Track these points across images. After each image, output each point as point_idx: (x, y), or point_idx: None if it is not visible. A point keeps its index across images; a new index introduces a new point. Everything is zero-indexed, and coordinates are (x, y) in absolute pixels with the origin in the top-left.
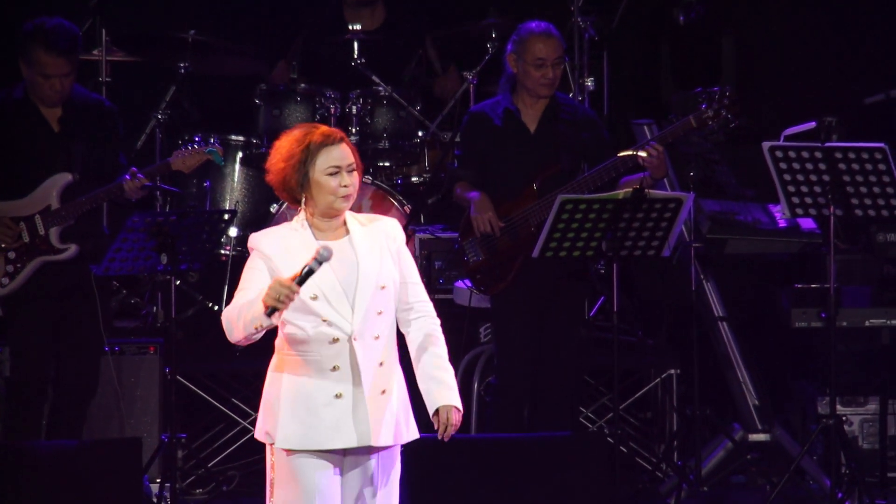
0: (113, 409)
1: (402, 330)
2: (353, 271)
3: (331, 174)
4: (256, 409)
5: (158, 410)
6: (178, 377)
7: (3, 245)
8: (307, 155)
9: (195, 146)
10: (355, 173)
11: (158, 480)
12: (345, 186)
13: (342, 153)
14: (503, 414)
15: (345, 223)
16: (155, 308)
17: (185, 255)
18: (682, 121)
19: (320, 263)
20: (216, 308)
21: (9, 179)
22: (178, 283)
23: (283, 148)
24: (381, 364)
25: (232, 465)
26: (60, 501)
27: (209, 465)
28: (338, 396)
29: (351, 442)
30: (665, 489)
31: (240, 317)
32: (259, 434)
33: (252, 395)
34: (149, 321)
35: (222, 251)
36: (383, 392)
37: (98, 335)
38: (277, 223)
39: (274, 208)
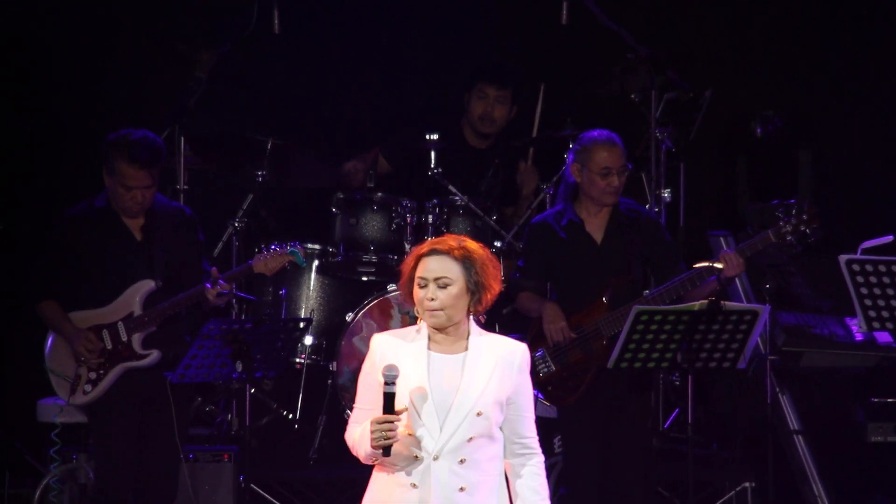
0: None
1: (507, 459)
2: (452, 392)
3: (420, 286)
4: None
5: None
6: (253, 485)
7: (83, 358)
8: (414, 265)
9: (277, 248)
10: (451, 288)
11: None
12: (430, 300)
13: (433, 265)
14: None
15: (468, 338)
16: (230, 416)
17: (260, 363)
18: (760, 235)
19: (392, 384)
20: (290, 416)
21: (92, 288)
22: (252, 390)
23: (409, 255)
24: (461, 489)
25: None
26: None
27: None
28: None
29: None
30: None
31: (360, 446)
32: None
33: (326, 502)
34: (223, 429)
35: (297, 359)
36: None
37: (174, 443)
38: (352, 333)
39: (349, 317)
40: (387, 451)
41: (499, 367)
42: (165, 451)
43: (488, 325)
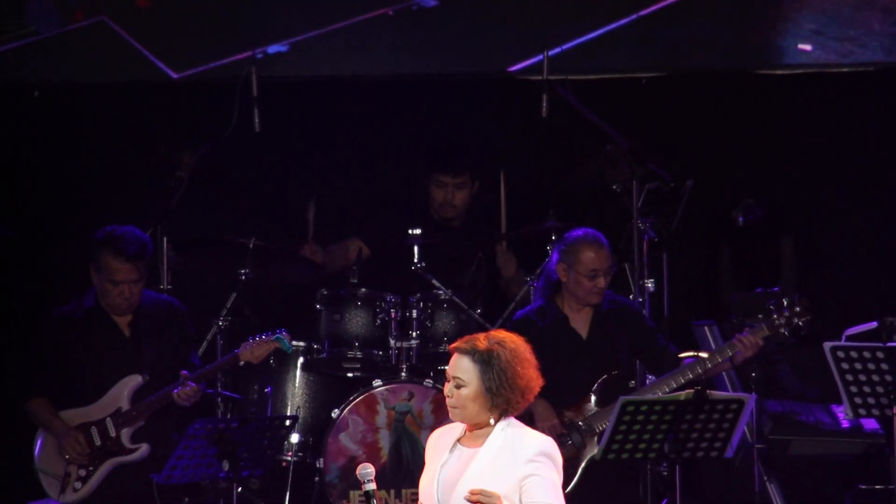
0: None
1: None
2: (453, 484)
3: (447, 380)
4: None
5: None
6: None
7: (69, 457)
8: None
9: (263, 336)
10: (464, 390)
11: None
12: (448, 397)
13: (453, 364)
14: None
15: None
16: None
17: (247, 462)
18: (755, 328)
19: (367, 482)
20: None
21: (81, 386)
22: (239, 489)
23: None
24: None
25: None
26: None
27: None
28: None
29: None
30: None
31: None
32: None
33: None
34: None
35: (284, 457)
36: None
37: None
38: (339, 429)
39: (335, 413)
40: None
41: (504, 460)
42: None
43: None
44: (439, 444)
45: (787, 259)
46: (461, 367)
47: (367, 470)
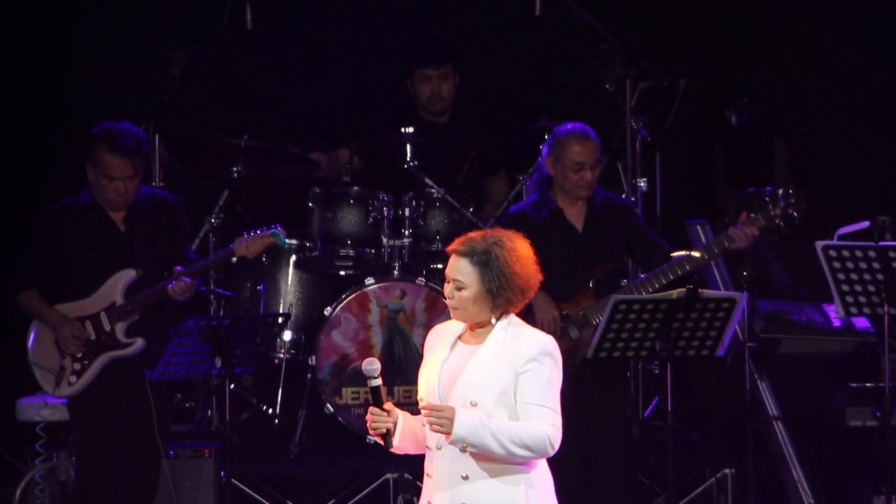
0: None
1: None
2: (453, 382)
3: (446, 282)
4: None
5: None
6: (234, 480)
7: (67, 347)
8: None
9: (258, 231)
10: (465, 291)
11: None
12: (449, 299)
13: (452, 266)
14: None
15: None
16: (209, 412)
17: (240, 359)
18: (752, 219)
19: (373, 378)
20: (270, 411)
21: (74, 281)
22: (232, 386)
23: None
24: (464, 477)
25: None
26: None
27: None
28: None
29: None
30: None
31: None
32: None
33: (307, 497)
34: (203, 425)
35: (276, 354)
36: None
37: (155, 440)
38: (331, 327)
39: (328, 311)
40: (387, 441)
41: (505, 358)
42: (146, 449)
43: None
44: (440, 341)
45: (779, 158)
46: (460, 270)
47: (372, 366)
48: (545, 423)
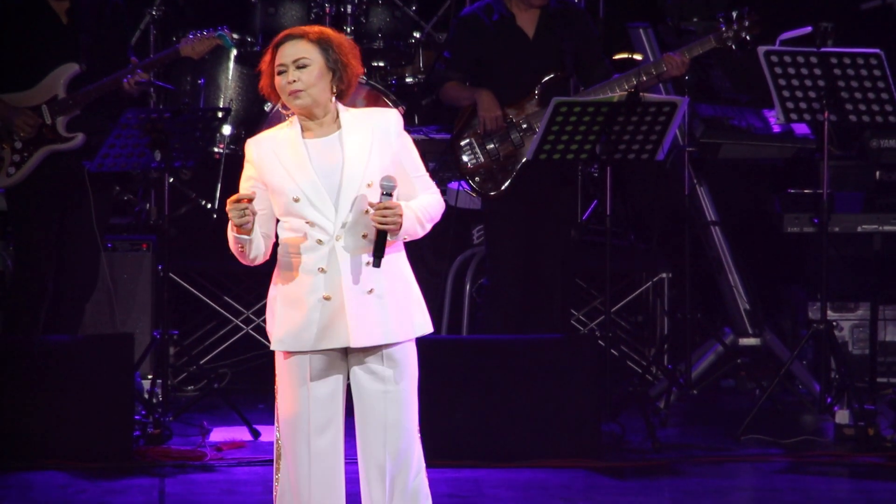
0: (106, 305)
1: None
2: (337, 170)
3: (279, 73)
4: (248, 308)
5: (150, 307)
6: (171, 274)
7: (23, 134)
8: (273, 55)
9: (204, 32)
10: (309, 69)
11: (150, 377)
12: (290, 83)
13: (292, 50)
14: (495, 315)
15: (338, 118)
16: (148, 205)
17: (179, 153)
18: (702, 39)
19: (390, 195)
20: (209, 206)
21: (17, 71)
22: (171, 180)
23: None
24: (367, 263)
25: (223, 362)
26: (54, 395)
27: (201, 362)
28: (326, 298)
29: (330, 343)
30: (655, 392)
31: (230, 241)
32: (269, 335)
33: (244, 292)
34: (142, 218)
35: (216, 149)
36: (370, 291)
37: (93, 232)
38: (271, 123)
39: (268, 107)
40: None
41: (376, 136)
42: (84, 240)
43: (408, 117)
44: (275, 151)
45: None
46: (300, 49)
47: (390, 183)
48: (434, 191)
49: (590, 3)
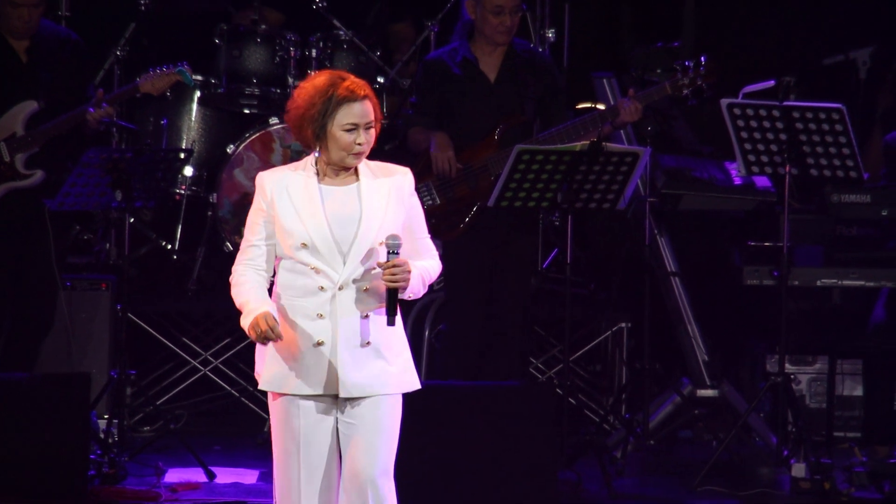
0: (63, 343)
1: None
2: (352, 222)
3: (347, 130)
4: (206, 349)
5: (108, 347)
6: (129, 314)
7: None
8: (328, 107)
9: (164, 68)
10: (372, 130)
11: (106, 416)
12: (359, 144)
13: (363, 110)
14: (453, 361)
15: (356, 171)
16: (108, 245)
17: (140, 193)
18: (657, 86)
19: (395, 253)
20: (169, 247)
21: None
22: (131, 220)
23: (307, 94)
24: (365, 316)
25: (181, 403)
26: (9, 433)
27: (157, 402)
28: (319, 344)
29: (318, 389)
30: (612, 441)
31: (239, 302)
32: (257, 374)
33: (202, 334)
34: (101, 258)
35: (177, 190)
36: (367, 344)
37: (52, 270)
38: (233, 165)
39: (230, 149)
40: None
41: (392, 195)
42: (43, 279)
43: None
44: (288, 190)
45: (688, 13)
46: (369, 110)
47: (395, 241)
48: (434, 255)
49: (555, 51)
